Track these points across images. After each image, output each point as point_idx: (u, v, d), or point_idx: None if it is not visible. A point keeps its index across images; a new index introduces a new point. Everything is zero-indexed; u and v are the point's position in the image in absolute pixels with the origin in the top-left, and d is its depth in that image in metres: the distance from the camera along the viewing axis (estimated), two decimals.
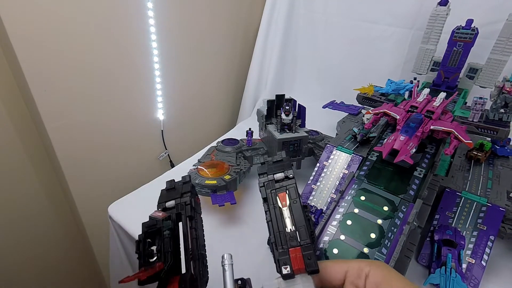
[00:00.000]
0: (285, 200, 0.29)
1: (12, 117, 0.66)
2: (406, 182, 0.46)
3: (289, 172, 0.31)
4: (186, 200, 0.31)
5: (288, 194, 0.30)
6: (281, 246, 0.27)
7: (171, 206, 0.31)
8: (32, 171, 0.74)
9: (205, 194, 0.55)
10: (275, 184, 0.31)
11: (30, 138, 0.70)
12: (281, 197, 0.30)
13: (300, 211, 0.29)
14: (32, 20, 0.57)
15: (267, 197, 0.30)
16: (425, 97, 0.53)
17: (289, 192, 0.30)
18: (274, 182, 0.31)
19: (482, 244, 0.46)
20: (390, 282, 0.25)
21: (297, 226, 0.28)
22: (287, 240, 0.27)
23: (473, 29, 0.67)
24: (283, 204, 0.29)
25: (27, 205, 0.75)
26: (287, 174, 0.31)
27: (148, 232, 0.27)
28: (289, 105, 0.61)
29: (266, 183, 0.31)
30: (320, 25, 1.08)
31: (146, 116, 0.86)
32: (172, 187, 0.33)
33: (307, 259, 0.26)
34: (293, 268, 0.25)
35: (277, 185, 0.31)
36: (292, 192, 0.30)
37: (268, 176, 0.31)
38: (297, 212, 0.29)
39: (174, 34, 0.84)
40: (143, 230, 0.27)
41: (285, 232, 0.28)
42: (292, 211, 0.29)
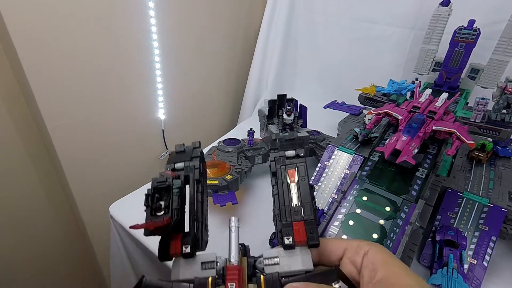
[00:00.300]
0: (293, 177, 0.30)
1: (13, 116, 0.66)
2: (408, 182, 0.46)
3: (300, 150, 0.31)
4: (195, 163, 0.31)
5: (298, 171, 0.30)
6: (285, 218, 0.28)
7: (180, 168, 0.31)
8: (33, 170, 0.74)
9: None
10: (286, 161, 0.31)
11: (31, 138, 0.70)
12: (290, 174, 0.30)
13: (307, 188, 0.29)
14: (33, 19, 0.57)
15: (276, 172, 0.31)
16: (427, 97, 0.53)
17: (299, 169, 0.30)
18: (285, 158, 0.31)
19: (484, 245, 0.46)
20: (388, 263, 0.25)
21: (302, 201, 0.28)
22: (292, 214, 0.28)
23: (475, 30, 0.67)
24: (292, 180, 0.30)
25: (27, 205, 0.75)
26: (298, 153, 0.31)
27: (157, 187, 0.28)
28: (291, 105, 0.61)
29: (277, 158, 0.31)
30: (320, 25, 1.08)
31: (147, 116, 0.86)
32: (182, 150, 0.33)
33: (310, 233, 0.27)
34: (295, 239, 0.26)
35: (288, 161, 0.31)
36: (301, 170, 0.30)
37: (279, 152, 0.32)
38: (304, 189, 0.29)
39: (175, 34, 0.84)
40: (152, 185, 0.28)
41: (290, 206, 0.29)
42: (300, 188, 0.29)
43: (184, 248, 0.26)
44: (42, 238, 0.81)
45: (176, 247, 0.26)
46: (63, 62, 0.63)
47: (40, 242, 0.81)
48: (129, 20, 0.71)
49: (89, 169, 0.77)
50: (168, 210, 0.27)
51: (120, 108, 0.78)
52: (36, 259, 0.82)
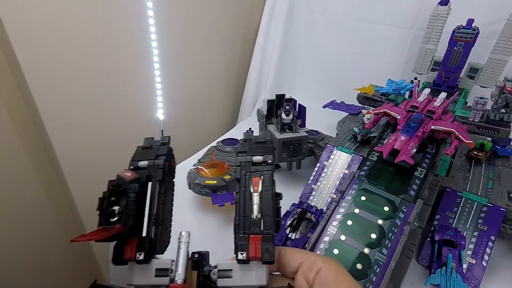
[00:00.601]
0: (257, 186, 0.28)
1: (12, 118, 0.66)
2: (407, 182, 0.46)
3: (268, 157, 0.29)
4: (159, 163, 0.30)
5: (262, 180, 0.28)
6: (243, 230, 0.26)
7: (143, 166, 0.30)
8: (32, 171, 0.74)
9: (205, 194, 0.55)
10: (252, 167, 0.29)
11: (30, 138, 0.70)
12: (254, 182, 0.28)
13: (269, 200, 0.27)
14: (32, 21, 0.57)
15: (240, 179, 0.28)
16: (426, 97, 0.53)
17: (264, 178, 0.28)
18: (251, 164, 0.29)
19: (482, 244, 0.46)
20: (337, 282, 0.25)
21: (263, 214, 0.27)
22: (251, 226, 0.27)
23: (474, 29, 0.67)
24: (255, 189, 0.28)
25: (27, 205, 0.75)
26: (266, 159, 0.29)
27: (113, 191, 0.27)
28: (290, 105, 0.61)
29: (243, 163, 0.29)
30: (320, 25, 1.07)
31: (146, 116, 0.86)
32: (149, 146, 0.32)
33: (265, 250, 0.25)
34: (249, 255, 0.25)
35: (253, 168, 0.28)
36: (266, 179, 0.28)
37: (246, 156, 0.29)
38: (267, 200, 0.27)
39: (174, 34, 0.84)
40: (108, 188, 0.27)
41: (250, 217, 0.27)
42: (262, 199, 0.27)
43: (138, 254, 0.25)
44: (42, 238, 0.81)
45: (131, 252, 0.25)
46: (62, 63, 0.63)
47: (40, 242, 0.81)
48: (127, 20, 0.71)
49: (88, 170, 0.77)
50: (122, 216, 0.26)
51: (119, 109, 0.78)
52: (36, 259, 0.82)
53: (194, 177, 0.56)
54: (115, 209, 0.26)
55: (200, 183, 0.54)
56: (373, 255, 0.39)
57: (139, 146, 0.32)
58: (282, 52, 1.13)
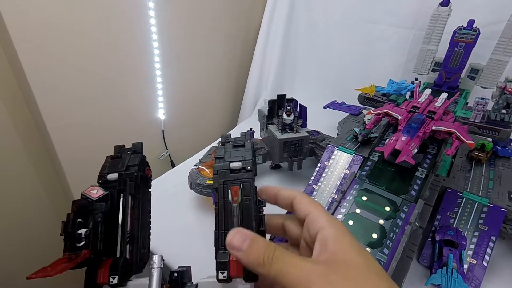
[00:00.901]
0: (237, 196, 0.25)
1: (13, 117, 0.66)
2: (408, 182, 0.46)
3: (248, 163, 0.26)
4: (131, 175, 0.26)
5: (242, 189, 0.25)
6: (223, 246, 0.23)
7: (112, 179, 0.27)
8: (33, 171, 0.74)
9: (207, 194, 0.55)
10: (230, 175, 0.25)
11: (31, 138, 0.70)
12: (233, 191, 0.25)
13: (251, 211, 0.24)
14: (34, 21, 0.57)
15: (218, 188, 0.25)
16: (427, 97, 0.53)
17: (244, 187, 0.25)
18: (229, 172, 0.26)
19: (483, 245, 0.46)
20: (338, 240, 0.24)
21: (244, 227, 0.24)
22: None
23: (475, 30, 0.67)
24: (234, 199, 0.25)
25: (27, 205, 0.75)
26: (245, 165, 0.26)
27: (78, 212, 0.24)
28: (291, 105, 0.61)
29: (220, 171, 0.26)
30: (320, 25, 1.08)
31: (147, 116, 0.86)
32: (118, 155, 0.28)
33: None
34: (230, 274, 0.22)
35: (232, 176, 0.25)
36: (246, 188, 0.25)
37: (224, 163, 0.26)
38: (248, 211, 0.24)
39: (175, 34, 0.84)
40: (72, 209, 0.24)
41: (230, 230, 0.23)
42: (243, 210, 0.24)
43: (111, 278, 0.23)
44: (42, 238, 0.81)
45: (104, 276, 0.23)
46: (63, 63, 0.63)
47: (40, 242, 0.81)
48: (128, 20, 0.72)
49: (89, 170, 0.76)
50: (89, 240, 0.23)
51: (120, 109, 0.78)
52: (35, 260, 0.82)
53: (195, 177, 0.56)
54: (81, 233, 0.23)
55: (201, 183, 0.54)
56: (374, 255, 0.39)
57: (107, 156, 0.29)
58: (282, 52, 1.13)
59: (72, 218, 0.24)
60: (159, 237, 0.52)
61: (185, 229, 0.55)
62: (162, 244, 0.51)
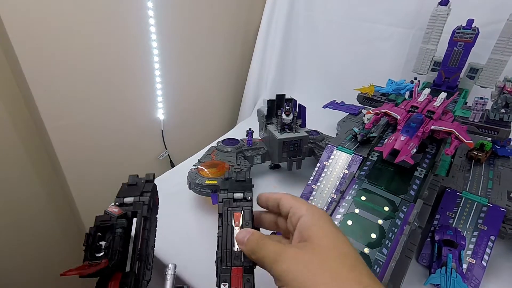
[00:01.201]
0: (238, 220, 0.31)
1: (12, 117, 0.66)
2: (407, 182, 0.46)
3: (248, 194, 0.33)
4: (145, 199, 0.31)
5: (243, 215, 0.31)
6: (225, 263, 0.29)
7: (129, 203, 0.31)
8: (32, 171, 0.74)
9: (206, 194, 0.55)
10: (233, 203, 0.32)
11: (31, 138, 0.70)
12: (236, 217, 0.31)
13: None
14: (33, 21, 0.57)
15: (223, 214, 0.31)
16: (426, 97, 0.53)
17: (244, 213, 0.31)
18: (233, 201, 0.32)
19: (482, 244, 0.46)
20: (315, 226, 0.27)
21: None
22: (232, 258, 0.29)
23: (474, 29, 0.67)
24: (236, 223, 0.30)
25: (26, 205, 0.75)
26: (246, 196, 0.32)
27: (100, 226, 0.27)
28: (290, 105, 0.61)
29: (224, 200, 0.32)
30: (320, 25, 1.07)
31: (146, 116, 0.86)
32: (134, 183, 0.33)
33: (246, 281, 0.27)
34: (231, 286, 0.27)
35: (235, 204, 0.32)
36: (246, 214, 0.31)
37: (228, 193, 0.33)
38: None
39: (174, 34, 0.84)
40: (95, 223, 0.27)
41: (232, 250, 0.29)
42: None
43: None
44: (42, 238, 0.81)
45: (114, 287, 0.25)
46: (62, 63, 0.63)
47: (40, 242, 0.81)
48: (128, 20, 0.71)
49: (88, 170, 0.77)
50: (108, 251, 0.26)
51: (119, 109, 0.78)
52: (35, 260, 0.82)
53: (194, 177, 0.56)
54: (102, 244, 0.26)
55: (200, 183, 0.54)
56: (373, 255, 0.39)
57: (124, 183, 0.33)
58: (282, 52, 1.13)
59: (94, 231, 0.26)
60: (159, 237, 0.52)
61: (184, 229, 0.55)
62: (162, 243, 0.51)
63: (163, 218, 0.55)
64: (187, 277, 0.46)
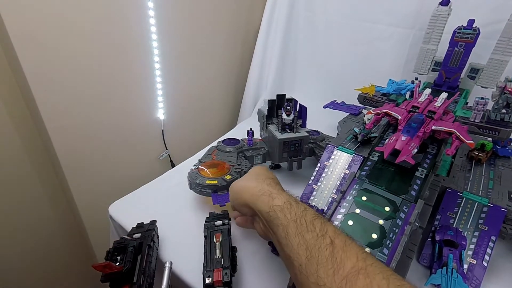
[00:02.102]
0: (219, 238, 0.44)
1: (12, 117, 0.66)
2: (408, 182, 0.46)
3: (226, 220, 0.48)
4: (150, 233, 0.46)
5: (222, 234, 0.44)
6: (209, 267, 0.40)
7: (137, 237, 0.44)
8: (33, 171, 0.74)
9: (206, 194, 0.55)
10: (215, 227, 0.46)
11: (31, 138, 0.70)
12: (217, 236, 0.44)
13: (228, 245, 0.43)
14: (33, 20, 0.57)
15: (207, 235, 0.45)
16: (427, 97, 0.53)
17: (223, 233, 0.45)
18: (214, 226, 0.46)
19: (483, 245, 0.46)
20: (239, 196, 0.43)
21: (223, 254, 0.41)
22: (215, 263, 0.40)
23: (475, 29, 0.67)
24: (217, 240, 0.43)
25: (26, 205, 0.75)
26: (224, 222, 0.47)
27: (117, 247, 0.40)
28: (290, 105, 0.61)
29: (208, 226, 0.47)
30: (320, 25, 1.07)
31: (146, 116, 0.86)
32: (141, 225, 0.49)
33: (225, 274, 0.38)
34: (213, 279, 0.38)
35: (216, 228, 0.46)
36: (224, 233, 0.45)
37: (211, 222, 0.47)
38: (226, 246, 0.43)
39: (175, 34, 0.84)
40: (114, 245, 0.41)
41: (214, 258, 0.41)
42: (222, 245, 0.43)
43: None
44: (42, 239, 0.81)
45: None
46: (63, 62, 0.63)
47: (40, 243, 0.81)
48: (128, 20, 0.71)
49: (89, 170, 0.77)
50: (122, 262, 0.38)
51: (119, 108, 0.78)
52: (35, 260, 0.82)
53: (194, 177, 0.56)
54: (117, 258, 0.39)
55: (201, 183, 0.54)
56: (374, 255, 0.39)
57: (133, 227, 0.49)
58: (282, 52, 1.13)
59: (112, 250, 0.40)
60: (159, 237, 0.52)
61: (185, 228, 0.55)
62: (162, 243, 0.51)
63: (164, 218, 0.55)
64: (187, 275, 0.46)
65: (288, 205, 0.34)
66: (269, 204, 0.35)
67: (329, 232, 0.30)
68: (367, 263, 0.27)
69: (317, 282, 0.26)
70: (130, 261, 0.37)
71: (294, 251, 0.29)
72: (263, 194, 0.37)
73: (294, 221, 0.32)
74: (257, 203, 0.36)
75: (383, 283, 0.25)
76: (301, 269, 0.28)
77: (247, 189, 0.39)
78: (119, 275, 0.36)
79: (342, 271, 0.26)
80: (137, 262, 0.39)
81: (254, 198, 0.37)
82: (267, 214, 0.34)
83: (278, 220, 0.33)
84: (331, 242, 0.29)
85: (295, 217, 0.32)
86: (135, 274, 0.38)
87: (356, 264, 0.26)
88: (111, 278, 0.35)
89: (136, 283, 0.36)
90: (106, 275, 0.35)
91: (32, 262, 0.81)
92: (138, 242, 0.42)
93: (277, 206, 0.34)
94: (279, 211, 0.34)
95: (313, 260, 0.27)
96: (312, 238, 0.29)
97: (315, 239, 0.29)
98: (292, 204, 0.34)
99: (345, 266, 0.26)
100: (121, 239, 0.41)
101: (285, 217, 0.33)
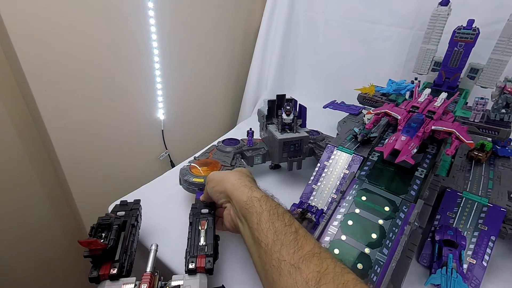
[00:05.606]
0: (204, 226, 0.44)
1: (12, 117, 0.66)
2: (407, 182, 0.46)
3: (211, 209, 0.47)
4: (133, 212, 0.46)
5: (207, 222, 0.44)
6: (193, 253, 0.40)
7: (121, 215, 0.44)
8: (33, 171, 0.73)
9: (192, 191, 0.55)
10: (201, 215, 0.46)
11: (31, 138, 0.70)
12: (202, 223, 0.44)
13: (212, 234, 0.43)
14: (33, 20, 0.57)
15: (193, 222, 0.44)
16: (426, 97, 0.53)
17: (208, 221, 0.44)
18: (200, 214, 0.46)
19: (483, 245, 0.46)
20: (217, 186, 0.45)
21: (207, 242, 0.41)
22: (198, 250, 0.40)
23: (474, 29, 0.67)
24: (202, 227, 0.43)
25: (26, 205, 0.75)
26: (210, 211, 0.46)
27: (101, 224, 0.40)
28: (290, 105, 0.61)
29: (195, 213, 0.46)
30: (320, 25, 1.08)
31: (146, 116, 0.86)
32: (125, 203, 0.48)
33: (207, 261, 0.38)
34: (196, 265, 0.38)
35: (202, 216, 0.46)
36: (210, 222, 0.44)
37: (198, 209, 0.47)
38: (210, 234, 0.42)
39: (175, 34, 0.84)
40: (98, 221, 0.41)
41: (198, 245, 0.41)
42: (207, 233, 0.43)
43: (111, 270, 0.36)
44: (41, 238, 0.81)
45: (105, 270, 0.36)
46: (63, 62, 0.63)
47: (40, 242, 0.81)
48: (128, 20, 0.71)
49: (89, 169, 0.77)
50: (106, 240, 0.38)
51: (119, 108, 0.78)
52: (35, 260, 0.82)
53: (184, 174, 0.57)
54: (102, 235, 0.39)
55: (187, 180, 0.55)
56: (373, 255, 0.39)
57: (117, 204, 0.48)
58: (282, 52, 1.13)
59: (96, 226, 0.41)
60: (159, 236, 0.52)
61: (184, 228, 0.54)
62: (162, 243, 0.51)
63: (164, 218, 0.55)
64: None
65: (265, 198, 0.39)
66: (248, 195, 0.39)
67: (295, 224, 0.36)
68: (321, 250, 0.33)
69: (278, 258, 0.32)
70: (114, 239, 0.38)
71: (263, 233, 0.35)
72: (244, 186, 0.41)
73: (268, 210, 0.37)
74: (236, 193, 0.41)
75: (331, 265, 0.31)
76: (266, 249, 0.34)
77: (229, 180, 0.43)
78: (102, 252, 0.36)
79: (301, 252, 0.32)
80: (120, 240, 0.39)
81: (234, 188, 0.41)
82: (244, 203, 0.39)
83: (253, 208, 0.37)
84: (296, 231, 0.35)
85: (269, 207, 0.37)
86: (117, 252, 0.38)
87: (313, 249, 0.33)
88: (94, 254, 0.36)
89: (118, 261, 0.37)
90: (90, 250, 0.35)
91: (32, 261, 0.81)
92: (122, 220, 0.42)
93: (255, 198, 0.39)
94: (256, 201, 0.38)
95: (278, 242, 0.33)
96: (281, 225, 0.35)
97: (283, 227, 0.35)
98: (268, 198, 0.40)
99: (303, 249, 0.32)
100: (106, 215, 0.42)
101: (260, 207, 0.38)
